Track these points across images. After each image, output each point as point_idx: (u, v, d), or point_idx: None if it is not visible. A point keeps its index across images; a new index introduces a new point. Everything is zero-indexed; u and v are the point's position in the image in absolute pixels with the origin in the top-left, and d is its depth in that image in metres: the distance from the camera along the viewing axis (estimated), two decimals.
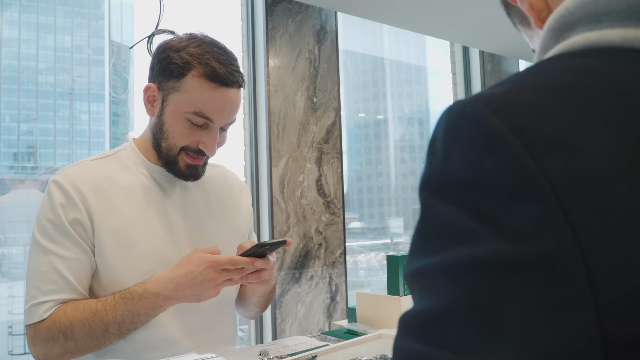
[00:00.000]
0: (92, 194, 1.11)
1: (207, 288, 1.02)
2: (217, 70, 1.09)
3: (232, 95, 1.12)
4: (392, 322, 1.25)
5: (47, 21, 3.93)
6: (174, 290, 1.03)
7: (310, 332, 2.92)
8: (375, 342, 0.99)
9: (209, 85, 1.09)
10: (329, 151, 3.10)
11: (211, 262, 1.01)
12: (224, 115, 1.12)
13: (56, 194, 1.10)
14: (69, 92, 3.89)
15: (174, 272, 1.04)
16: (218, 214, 1.28)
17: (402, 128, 6.26)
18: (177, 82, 1.11)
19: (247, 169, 3.04)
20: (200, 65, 1.09)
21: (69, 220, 1.09)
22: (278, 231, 2.86)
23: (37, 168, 3.73)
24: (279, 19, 2.96)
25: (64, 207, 1.09)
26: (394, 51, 5.92)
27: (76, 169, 1.15)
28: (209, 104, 1.10)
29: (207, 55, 1.10)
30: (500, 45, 3.92)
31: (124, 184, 1.16)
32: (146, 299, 1.04)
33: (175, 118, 1.12)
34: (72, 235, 1.08)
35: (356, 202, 6.47)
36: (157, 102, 1.15)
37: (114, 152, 1.22)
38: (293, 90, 2.99)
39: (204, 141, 1.13)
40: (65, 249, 1.08)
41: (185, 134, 1.13)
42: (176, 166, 1.16)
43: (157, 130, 1.16)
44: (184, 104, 1.11)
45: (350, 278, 3.19)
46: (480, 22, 3.35)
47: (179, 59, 1.10)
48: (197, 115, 1.10)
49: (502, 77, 3.84)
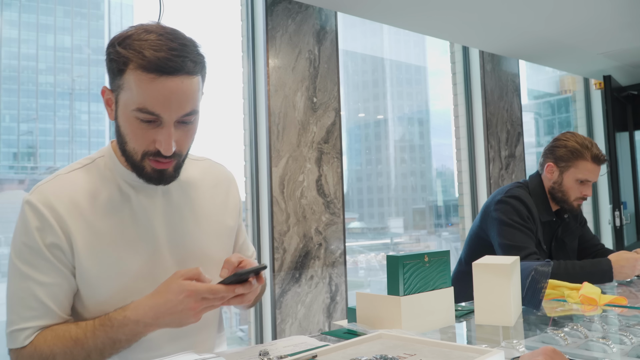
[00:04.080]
0: (69, 214, 1.06)
1: (188, 316, 1.01)
2: (151, 59, 0.98)
3: (176, 85, 1.01)
4: (392, 322, 1.25)
5: (47, 21, 3.93)
6: (154, 317, 1.01)
7: (310, 332, 2.92)
8: (375, 342, 0.99)
9: (146, 76, 0.99)
10: (328, 151, 3.10)
11: (190, 292, 0.99)
12: (171, 108, 1.02)
13: (31, 217, 1.05)
14: (69, 92, 3.88)
15: (153, 300, 1.02)
16: (203, 217, 1.22)
17: (402, 128, 6.26)
18: (120, 80, 1.03)
19: (247, 169, 3.04)
20: (136, 55, 0.99)
21: (46, 244, 1.05)
22: (278, 231, 2.86)
23: (37, 168, 3.73)
24: (279, 19, 2.96)
25: (40, 230, 1.04)
26: (394, 51, 5.93)
27: (52, 186, 1.09)
28: (150, 97, 1.00)
29: (145, 44, 0.99)
30: (500, 45, 3.92)
31: (102, 199, 1.11)
32: (126, 326, 1.02)
33: (126, 118, 1.05)
34: (50, 260, 1.05)
35: (356, 202, 6.46)
36: (113, 105, 1.08)
37: (91, 161, 1.16)
38: (293, 90, 2.99)
39: (159, 139, 1.04)
40: (44, 275, 1.05)
41: (138, 135, 1.05)
42: (143, 171, 1.09)
43: (118, 135, 1.09)
44: (130, 102, 1.02)
45: (350, 278, 3.19)
46: (480, 22, 3.35)
47: (115, 55, 1.01)
48: (142, 112, 1.02)
49: (502, 77, 3.87)
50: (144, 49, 0.99)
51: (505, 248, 2.03)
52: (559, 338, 1.12)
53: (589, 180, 2.12)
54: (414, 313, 1.26)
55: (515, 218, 2.06)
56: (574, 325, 1.18)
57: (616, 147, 4.33)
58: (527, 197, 2.13)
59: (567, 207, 2.17)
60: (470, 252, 2.27)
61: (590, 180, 2.12)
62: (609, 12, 3.28)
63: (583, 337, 1.14)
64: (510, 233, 2.04)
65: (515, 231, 2.04)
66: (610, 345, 1.05)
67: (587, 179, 2.11)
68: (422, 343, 0.96)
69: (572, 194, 2.14)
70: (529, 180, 2.26)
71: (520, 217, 2.06)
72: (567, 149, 2.12)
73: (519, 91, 4.40)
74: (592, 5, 3.16)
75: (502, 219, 2.08)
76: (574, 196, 2.14)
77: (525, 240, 2.02)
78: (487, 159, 4.09)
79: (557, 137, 2.20)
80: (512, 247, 2.01)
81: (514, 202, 2.10)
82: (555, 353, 0.82)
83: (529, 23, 3.40)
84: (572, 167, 2.12)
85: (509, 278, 1.34)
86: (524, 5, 3.08)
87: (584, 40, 3.81)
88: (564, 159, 2.13)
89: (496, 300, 1.34)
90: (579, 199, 2.15)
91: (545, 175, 2.20)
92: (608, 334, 1.18)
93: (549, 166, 2.17)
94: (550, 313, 1.49)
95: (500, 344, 1.07)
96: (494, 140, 4.15)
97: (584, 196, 2.14)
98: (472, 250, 2.26)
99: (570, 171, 2.12)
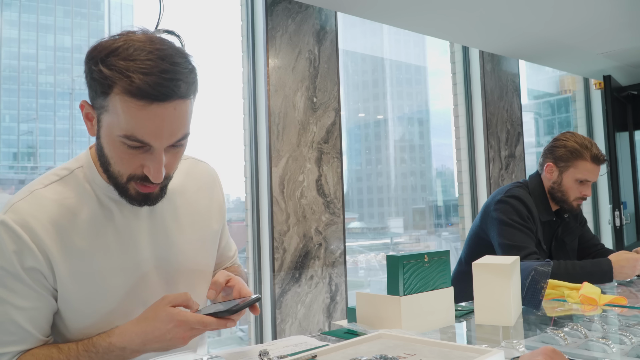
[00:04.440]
0: (49, 236, 0.99)
1: (176, 344, 0.99)
2: (140, 84, 0.89)
3: (169, 112, 0.92)
4: (392, 322, 1.25)
5: (47, 21, 3.93)
6: (141, 344, 0.99)
7: (310, 332, 2.92)
8: (375, 342, 0.99)
9: (135, 103, 0.90)
10: (328, 151, 3.10)
11: (180, 322, 0.97)
12: (163, 136, 0.94)
13: (7, 240, 0.97)
14: (69, 92, 3.88)
15: (140, 327, 0.99)
16: (188, 225, 1.17)
17: (401, 128, 6.26)
18: (105, 101, 0.93)
19: (247, 169, 3.04)
20: (122, 79, 0.89)
21: (24, 268, 0.98)
22: (278, 231, 2.86)
23: (37, 168, 3.73)
24: (278, 19, 2.96)
25: (18, 254, 0.97)
26: (394, 51, 5.93)
27: (27, 204, 1.00)
28: (139, 125, 0.91)
29: (132, 66, 0.89)
30: (500, 45, 3.92)
31: (84, 218, 1.03)
32: (112, 353, 1.00)
33: (111, 142, 0.96)
34: (29, 284, 0.99)
35: (356, 202, 6.46)
36: (94, 121, 0.99)
37: (69, 172, 1.07)
38: (293, 90, 2.99)
39: (147, 165, 0.96)
40: (22, 299, 0.99)
41: (125, 159, 0.97)
42: (127, 193, 1.02)
43: (101, 154, 1.01)
44: (115, 127, 0.93)
45: (350, 278, 3.19)
46: (480, 22, 3.35)
47: (98, 74, 0.91)
48: (129, 140, 0.93)
49: (502, 77, 3.85)
50: (132, 73, 0.89)
51: (505, 248, 2.03)
52: (559, 338, 1.12)
53: (589, 180, 2.12)
54: (414, 313, 1.26)
55: (515, 218, 2.06)
56: (574, 325, 1.18)
57: (616, 147, 4.33)
58: (527, 197, 2.14)
59: (566, 207, 2.17)
60: (470, 252, 2.27)
61: (589, 180, 2.12)
62: (608, 12, 3.28)
63: (583, 337, 1.14)
64: (510, 233, 2.04)
65: (515, 231, 2.04)
66: (610, 345, 1.05)
67: (586, 179, 2.11)
68: (422, 343, 0.96)
69: (572, 193, 2.14)
70: (528, 180, 2.26)
71: (520, 216, 2.07)
72: (566, 149, 2.12)
73: (519, 91, 4.40)
74: (591, 6, 3.17)
75: (502, 218, 2.08)
76: (574, 196, 2.14)
77: (525, 240, 2.02)
78: (487, 159, 4.09)
79: (556, 137, 2.20)
80: (512, 246, 2.01)
81: (514, 201, 2.10)
82: (555, 353, 0.82)
83: (529, 23, 3.40)
84: (571, 167, 2.12)
85: (509, 278, 1.34)
86: (524, 5, 3.08)
87: (584, 41, 3.81)
88: (563, 159, 2.13)
89: (496, 300, 1.35)
90: (578, 199, 2.15)
91: (544, 175, 2.20)
92: (608, 333, 1.18)
93: (548, 166, 2.17)
94: (550, 313, 1.49)
95: (500, 344, 1.07)
96: (494, 140, 4.15)
97: (583, 196, 2.14)
98: (472, 250, 2.26)
99: (570, 171, 2.12)
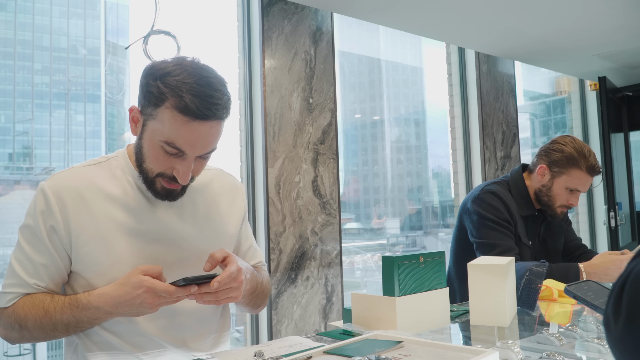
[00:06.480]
0: (73, 203, 1.18)
1: (145, 308, 1.10)
2: (189, 104, 1.07)
3: (206, 129, 1.11)
4: (387, 323, 1.25)
5: (42, 21, 3.92)
6: (114, 307, 1.11)
7: (306, 333, 2.92)
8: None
9: (181, 118, 1.09)
10: (324, 152, 3.10)
11: (148, 288, 1.08)
12: (197, 148, 1.13)
13: (40, 200, 1.18)
14: (65, 93, 3.87)
15: (114, 291, 1.12)
16: (204, 222, 1.30)
17: (398, 129, 6.26)
18: (154, 111, 1.12)
19: (242, 169, 3.04)
20: (174, 97, 1.08)
21: (46, 227, 1.17)
22: (274, 232, 2.86)
23: (32, 169, 3.72)
24: (274, 19, 2.96)
25: (43, 214, 1.17)
26: (390, 52, 5.93)
27: (65, 175, 1.21)
28: (180, 137, 1.11)
29: (184, 87, 1.08)
30: (496, 47, 3.93)
31: (108, 192, 1.21)
32: (88, 310, 1.14)
33: (151, 144, 1.15)
34: (45, 242, 1.17)
35: (352, 202, 6.46)
36: (139, 124, 1.18)
37: (105, 159, 1.26)
38: (289, 91, 2.99)
39: (177, 169, 1.15)
40: (37, 253, 1.18)
41: (160, 160, 1.15)
42: (153, 186, 1.19)
43: (138, 151, 1.19)
44: (158, 133, 1.12)
45: (347, 279, 3.20)
46: (476, 23, 3.36)
47: (155, 89, 1.10)
48: (169, 146, 1.12)
49: (498, 78, 3.87)
50: (184, 92, 1.07)
51: (481, 246, 2.00)
52: (554, 339, 1.12)
53: (579, 190, 2.05)
54: (409, 314, 1.27)
55: (489, 215, 2.02)
56: (569, 325, 1.18)
57: (611, 148, 4.35)
58: (503, 193, 2.08)
59: (549, 212, 2.11)
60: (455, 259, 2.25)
61: (580, 191, 2.06)
62: (603, 14, 3.30)
63: (578, 338, 1.14)
64: (485, 230, 2.00)
65: (489, 230, 2.00)
66: (605, 345, 1.06)
67: (577, 189, 2.05)
68: (417, 344, 0.96)
69: (559, 200, 2.07)
70: (509, 174, 2.19)
71: (496, 213, 2.02)
72: (563, 154, 2.04)
73: (515, 92, 4.41)
74: (587, 7, 3.18)
75: (478, 215, 2.04)
76: (560, 203, 2.08)
77: (500, 237, 1.98)
78: (482, 159, 4.10)
79: (555, 140, 2.11)
80: (487, 244, 1.98)
81: (489, 197, 2.06)
82: None
83: (525, 24, 3.41)
84: (564, 175, 2.04)
85: (504, 279, 1.34)
86: (519, 6, 3.09)
87: (579, 42, 3.83)
88: (558, 164, 2.05)
89: (491, 300, 1.35)
90: (563, 207, 2.08)
91: (535, 176, 2.12)
92: (602, 334, 1.18)
93: (541, 168, 2.09)
94: (545, 313, 1.49)
95: (495, 345, 1.08)
96: (490, 141, 4.16)
97: (569, 205, 2.08)
98: (456, 250, 2.24)
99: (562, 178, 2.05)
